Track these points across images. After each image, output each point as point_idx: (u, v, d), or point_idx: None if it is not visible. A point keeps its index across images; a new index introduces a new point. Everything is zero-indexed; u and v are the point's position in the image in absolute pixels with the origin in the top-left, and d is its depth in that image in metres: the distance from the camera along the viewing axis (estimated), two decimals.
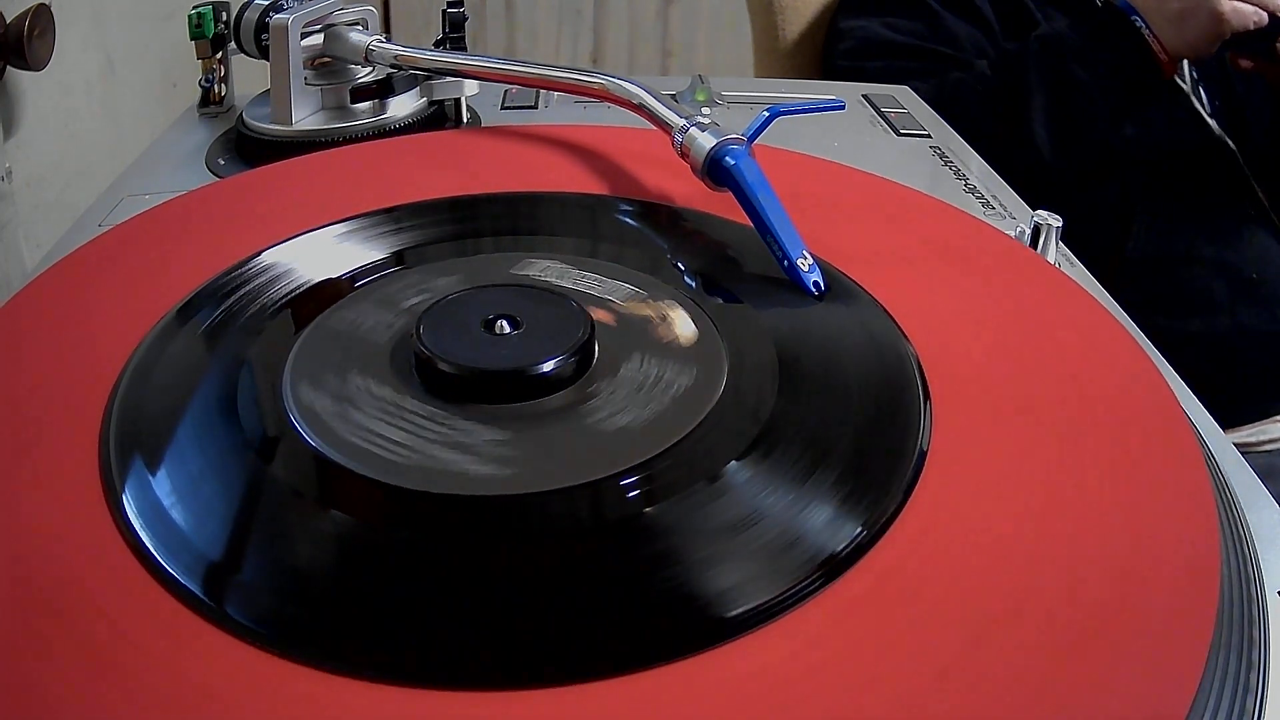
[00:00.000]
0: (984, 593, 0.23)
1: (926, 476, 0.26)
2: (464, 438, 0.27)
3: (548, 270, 0.35)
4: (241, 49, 0.58)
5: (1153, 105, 0.82)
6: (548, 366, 0.29)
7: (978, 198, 0.51)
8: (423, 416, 0.28)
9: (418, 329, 0.30)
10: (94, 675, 0.21)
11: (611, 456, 0.27)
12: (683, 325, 0.32)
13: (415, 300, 0.33)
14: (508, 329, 0.30)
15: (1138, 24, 0.77)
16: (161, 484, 0.26)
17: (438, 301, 0.31)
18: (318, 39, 0.54)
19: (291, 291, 0.34)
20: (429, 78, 0.54)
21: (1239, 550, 0.27)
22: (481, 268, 0.35)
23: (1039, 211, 0.40)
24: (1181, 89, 0.83)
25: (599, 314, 0.32)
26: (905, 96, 0.66)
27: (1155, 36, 0.76)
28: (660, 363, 0.30)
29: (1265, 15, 0.74)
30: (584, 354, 0.30)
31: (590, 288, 0.34)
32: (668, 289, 0.34)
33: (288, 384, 0.29)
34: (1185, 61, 0.81)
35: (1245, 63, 0.80)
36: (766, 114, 0.40)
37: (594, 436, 0.27)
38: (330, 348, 0.31)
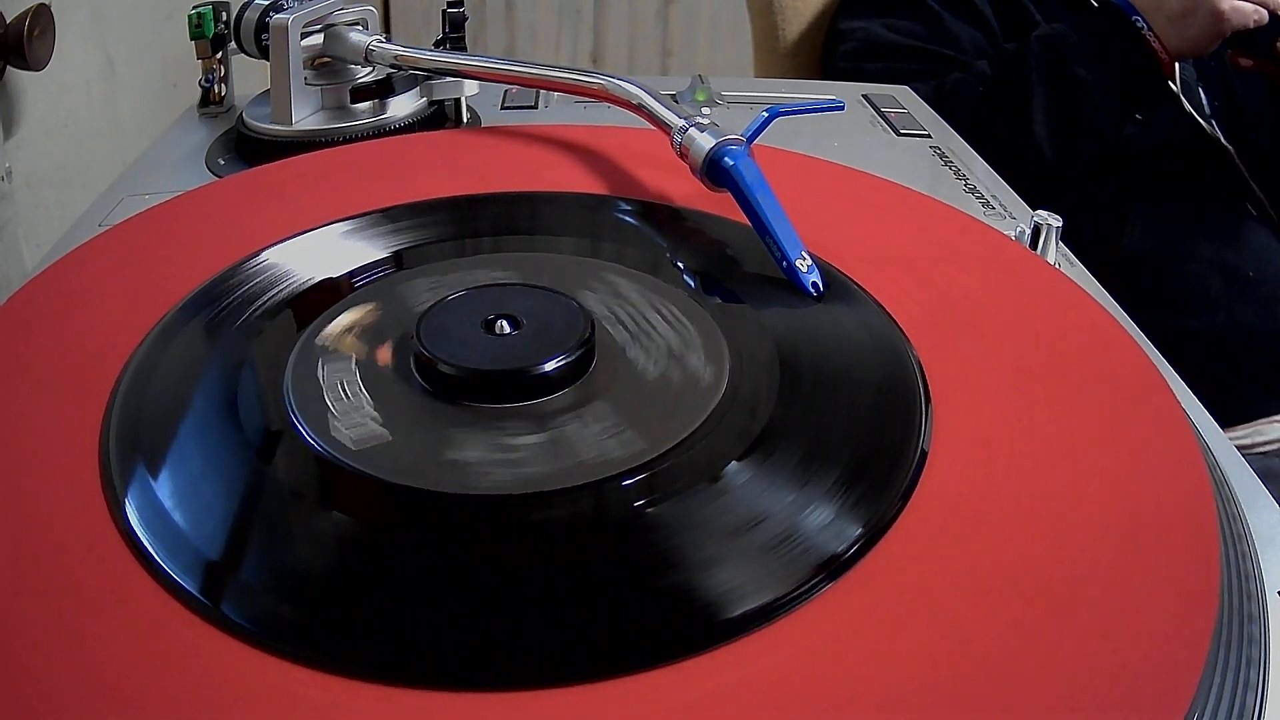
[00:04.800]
0: (984, 593, 0.23)
1: (927, 477, 0.26)
2: (464, 438, 0.27)
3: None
4: (241, 49, 0.58)
5: (1152, 104, 0.82)
6: (548, 367, 0.29)
7: (978, 198, 0.51)
8: (423, 416, 0.28)
9: (417, 329, 0.30)
10: (94, 676, 0.21)
11: (612, 457, 0.27)
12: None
13: (416, 300, 0.33)
14: (508, 329, 0.30)
15: (1138, 23, 0.77)
16: (162, 484, 0.26)
17: (438, 301, 0.31)
18: (318, 39, 0.54)
19: (291, 291, 0.34)
20: (429, 78, 0.54)
21: (1239, 550, 0.27)
22: (489, 267, 0.35)
23: (1039, 211, 0.40)
24: (1174, 92, 0.83)
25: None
26: (905, 96, 0.66)
27: (1156, 36, 0.76)
28: (660, 363, 0.30)
29: (1265, 14, 0.74)
30: (584, 354, 0.30)
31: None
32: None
33: (288, 384, 0.29)
34: (1178, 63, 0.81)
35: (1245, 61, 0.80)
36: (766, 114, 0.40)
37: (595, 436, 0.27)
38: (331, 348, 0.31)
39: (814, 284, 0.33)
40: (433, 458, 0.27)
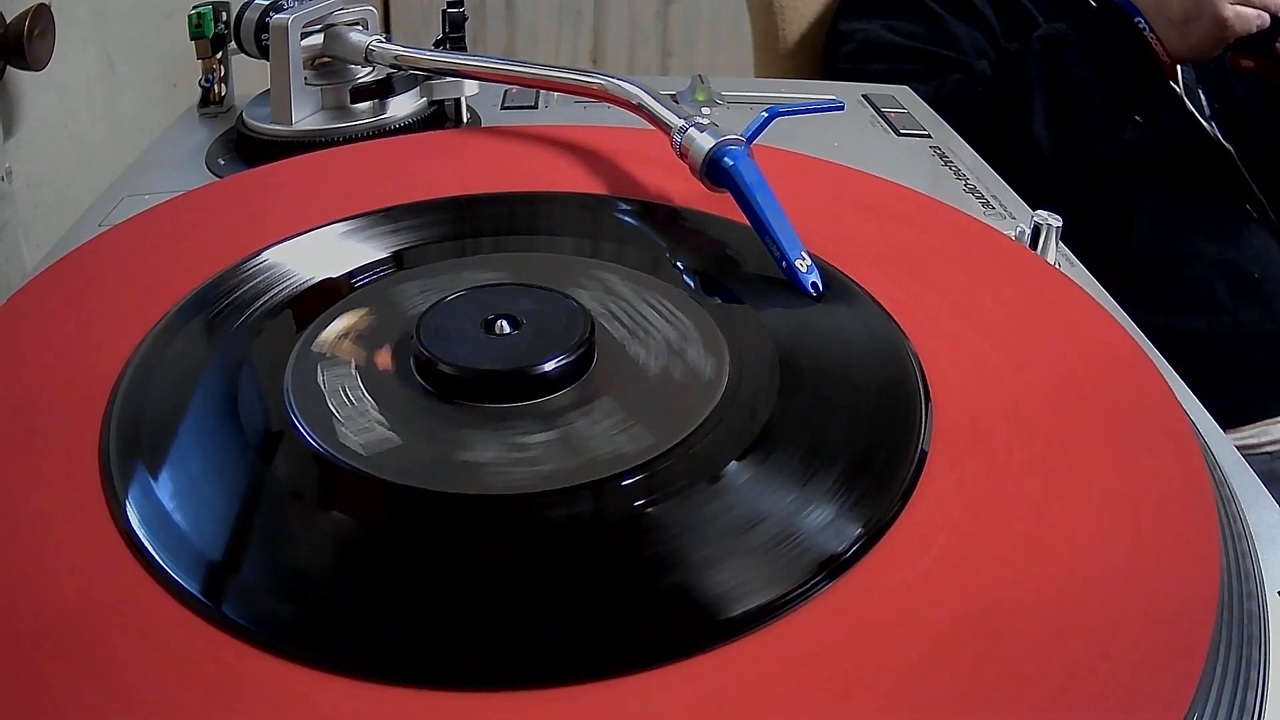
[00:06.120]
0: (984, 592, 0.23)
1: (927, 477, 0.26)
2: (464, 438, 0.27)
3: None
4: (241, 49, 0.58)
5: (1153, 106, 0.82)
6: (548, 366, 0.29)
7: (978, 198, 0.51)
8: (423, 416, 0.28)
9: (417, 329, 0.30)
10: (95, 677, 0.21)
11: (612, 456, 0.27)
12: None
13: (415, 300, 0.33)
14: (508, 329, 0.30)
15: (1139, 24, 0.77)
16: (162, 485, 0.26)
17: (438, 302, 0.31)
18: (318, 39, 0.54)
19: (291, 291, 0.34)
20: (429, 78, 0.54)
21: (1239, 549, 0.27)
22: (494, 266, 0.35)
23: (1039, 211, 0.40)
24: (1176, 93, 0.83)
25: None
26: (905, 96, 0.66)
27: (1157, 38, 0.76)
28: (660, 363, 0.30)
29: (1267, 17, 0.74)
30: (584, 353, 0.30)
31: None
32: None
33: (288, 384, 0.29)
34: (1179, 65, 0.81)
35: (1246, 63, 0.80)
36: (765, 114, 0.39)
37: (594, 436, 0.27)
38: (330, 348, 0.31)
39: (813, 284, 0.33)
40: (431, 458, 0.27)
